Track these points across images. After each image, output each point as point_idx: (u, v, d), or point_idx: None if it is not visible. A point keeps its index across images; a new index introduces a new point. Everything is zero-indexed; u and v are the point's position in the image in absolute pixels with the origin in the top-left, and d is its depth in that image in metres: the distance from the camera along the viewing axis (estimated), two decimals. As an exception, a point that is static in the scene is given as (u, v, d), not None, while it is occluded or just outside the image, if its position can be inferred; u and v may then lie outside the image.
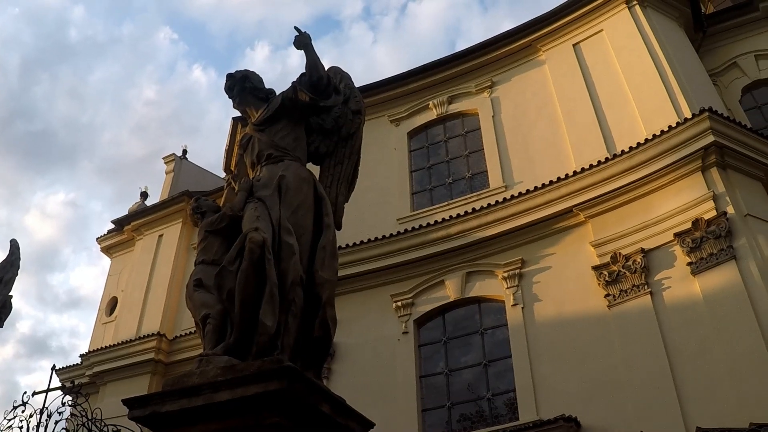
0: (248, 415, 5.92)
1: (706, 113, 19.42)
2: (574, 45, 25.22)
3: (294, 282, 6.90)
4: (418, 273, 21.89)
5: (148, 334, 27.44)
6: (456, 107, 26.42)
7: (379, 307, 21.82)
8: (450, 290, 21.33)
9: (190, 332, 25.22)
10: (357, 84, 9.71)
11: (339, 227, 8.30)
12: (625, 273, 19.01)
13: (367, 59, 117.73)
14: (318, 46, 9.06)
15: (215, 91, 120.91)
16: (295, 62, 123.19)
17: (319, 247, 7.53)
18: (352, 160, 8.92)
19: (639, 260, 18.95)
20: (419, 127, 26.79)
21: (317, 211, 7.83)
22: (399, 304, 21.54)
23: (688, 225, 18.63)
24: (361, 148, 9.08)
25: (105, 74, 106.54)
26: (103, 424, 13.67)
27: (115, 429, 13.29)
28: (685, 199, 19.17)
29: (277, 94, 8.81)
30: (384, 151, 25.79)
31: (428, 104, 26.75)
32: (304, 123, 8.68)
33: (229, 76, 9.09)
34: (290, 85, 8.62)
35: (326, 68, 8.88)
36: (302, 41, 8.63)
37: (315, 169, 8.60)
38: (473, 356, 20.56)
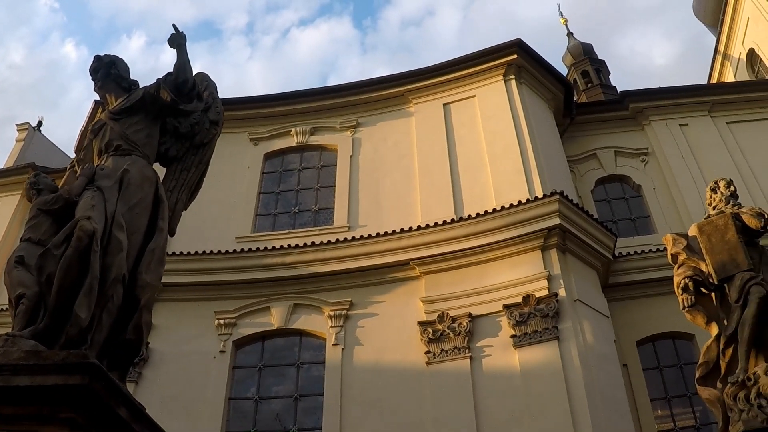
0: (44, 405, 5.76)
1: (557, 196, 20.02)
2: (444, 104, 25.56)
3: (116, 279, 6.78)
4: (246, 295, 21.51)
5: (-38, 301, 26.10)
6: (317, 139, 26.39)
7: (201, 322, 21.29)
8: (274, 318, 21.08)
9: (4, 308, 24.15)
10: (224, 96, 9.64)
11: (172, 233, 8.20)
12: (449, 334, 19.18)
13: (239, 73, 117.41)
14: (193, 50, 9.02)
15: (83, 70, 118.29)
16: (168, 61, 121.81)
17: (147, 249, 7.43)
18: (199, 170, 8.84)
19: (465, 324, 19.18)
20: (277, 151, 26.58)
21: (154, 213, 7.73)
22: (221, 322, 21.13)
23: (519, 299, 18.99)
24: (215, 160, 9.00)
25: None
26: None
27: None
28: (521, 274, 19.60)
29: (141, 87, 8.68)
30: (237, 167, 25.43)
31: (290, 131, 26.58)
32: (160, 122, 8.58)
33: (97, 58, 8.92)
34: (155, 81, 8.51)
35: (194, 73, 8.79)
36: (177, 40, 8.54)
37: (161, 171, 8.46)
38: (286, 388, 20.33)
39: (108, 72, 8.76)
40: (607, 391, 17.90)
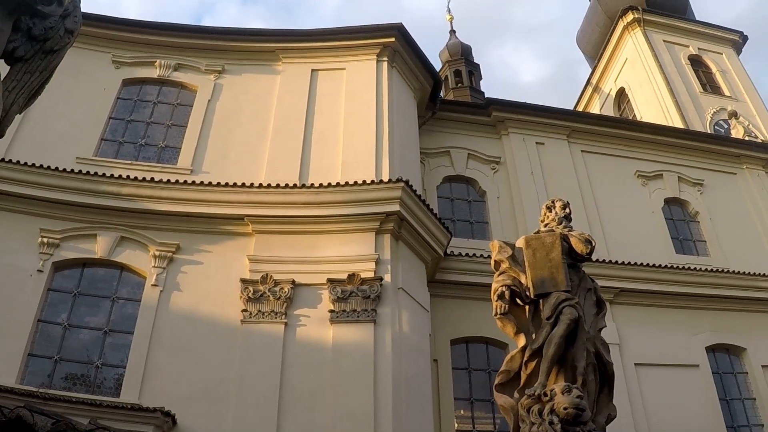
0: None
1: (402, 184, 20.30)
2: (313, 70, 25.48)
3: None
4: (74, 218, 20.85)
5: None
6: (179, 76, 25.80)
7: (24, 237, 20.46)
8: (99, 247, 20.55)
9: None
10: (94, 12, 9.36)
11: (2, 134, 7.91)
12: (269, 296, 19.20)
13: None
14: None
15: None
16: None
17: (-29, 145, 7.14)
18: (43, 76, 8.51)
19: (286, 290, 19.26)
20: (136, 79, 25.77)
21: None
22: (45, 240, 20.39)
23: (344, 276, 19.19)
24: (73, 75, 8.79)
25: None
26: None
27: None
28: (351, 252, 19.85)
29: (0, -22, 8.32)
30: (93, 87, 24.46)
31: (155, 62, 25.85)
32: (14, 19, 8.22)
33: (-41, -62, 8.49)
34: (18, -25, 8.17)
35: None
36: None
37: (3, 70, 8.15)
38: (98, 320, 19.82)
39: (-31, -44, 8.36)
40: (413, 382, 18.32)
